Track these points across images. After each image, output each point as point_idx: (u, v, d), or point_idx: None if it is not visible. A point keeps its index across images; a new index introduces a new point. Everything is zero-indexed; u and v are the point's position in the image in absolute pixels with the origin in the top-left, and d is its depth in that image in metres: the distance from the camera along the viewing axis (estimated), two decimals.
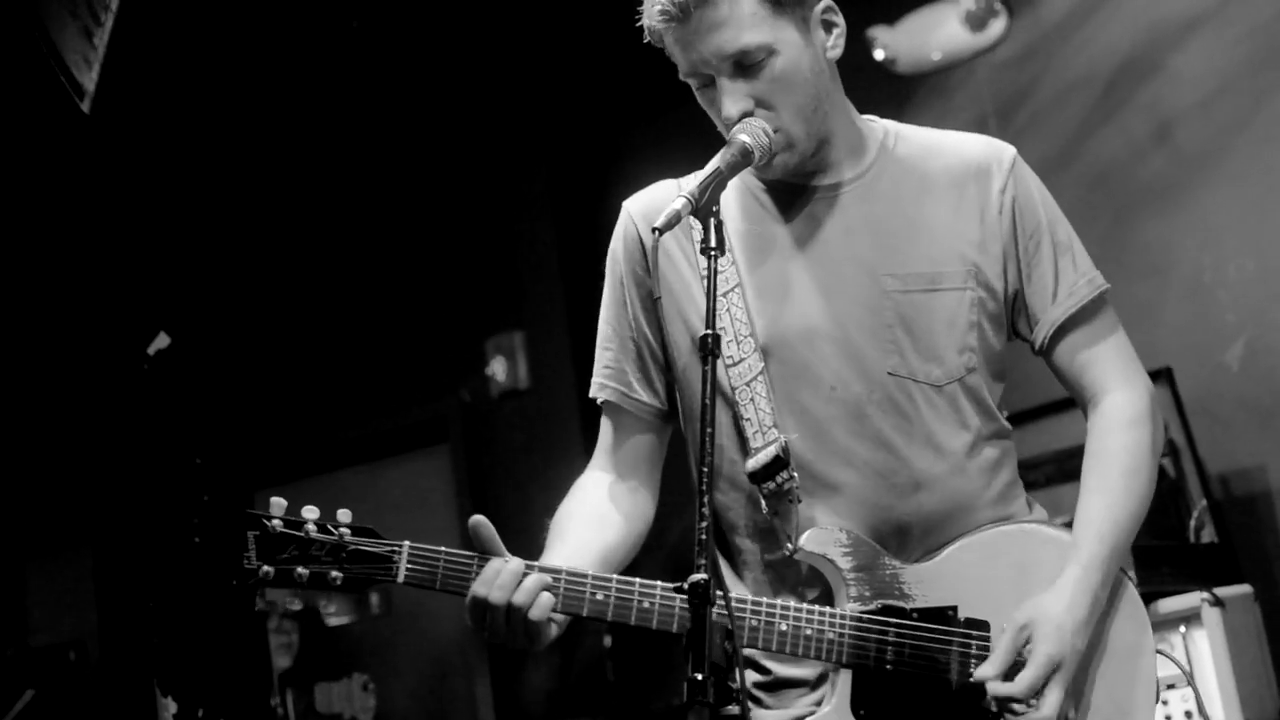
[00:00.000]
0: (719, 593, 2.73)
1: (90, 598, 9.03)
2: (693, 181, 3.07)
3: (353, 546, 3.06)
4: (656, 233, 2.95)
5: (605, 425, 3.61)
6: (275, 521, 3.04)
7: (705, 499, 2.76)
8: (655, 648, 3.11)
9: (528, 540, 3.37)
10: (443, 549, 3.09)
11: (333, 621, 8.92)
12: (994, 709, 3.15)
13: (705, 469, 2.78)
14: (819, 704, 3.23)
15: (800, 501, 3.26)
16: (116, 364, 7.28)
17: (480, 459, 8.58)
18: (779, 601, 3.17)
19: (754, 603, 3.16)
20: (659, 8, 3.22)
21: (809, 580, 3.29)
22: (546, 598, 3.08)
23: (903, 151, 3.44)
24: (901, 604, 3.22)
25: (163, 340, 7.09)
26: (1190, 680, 5.11)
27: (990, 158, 3.43)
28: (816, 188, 3.38)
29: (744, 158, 3.14)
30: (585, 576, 3.12)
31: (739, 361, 3.28)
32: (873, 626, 3.18)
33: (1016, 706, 3.11)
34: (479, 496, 8.44)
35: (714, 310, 2.91)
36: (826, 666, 3.22)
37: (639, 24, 3.32)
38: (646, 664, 7.48)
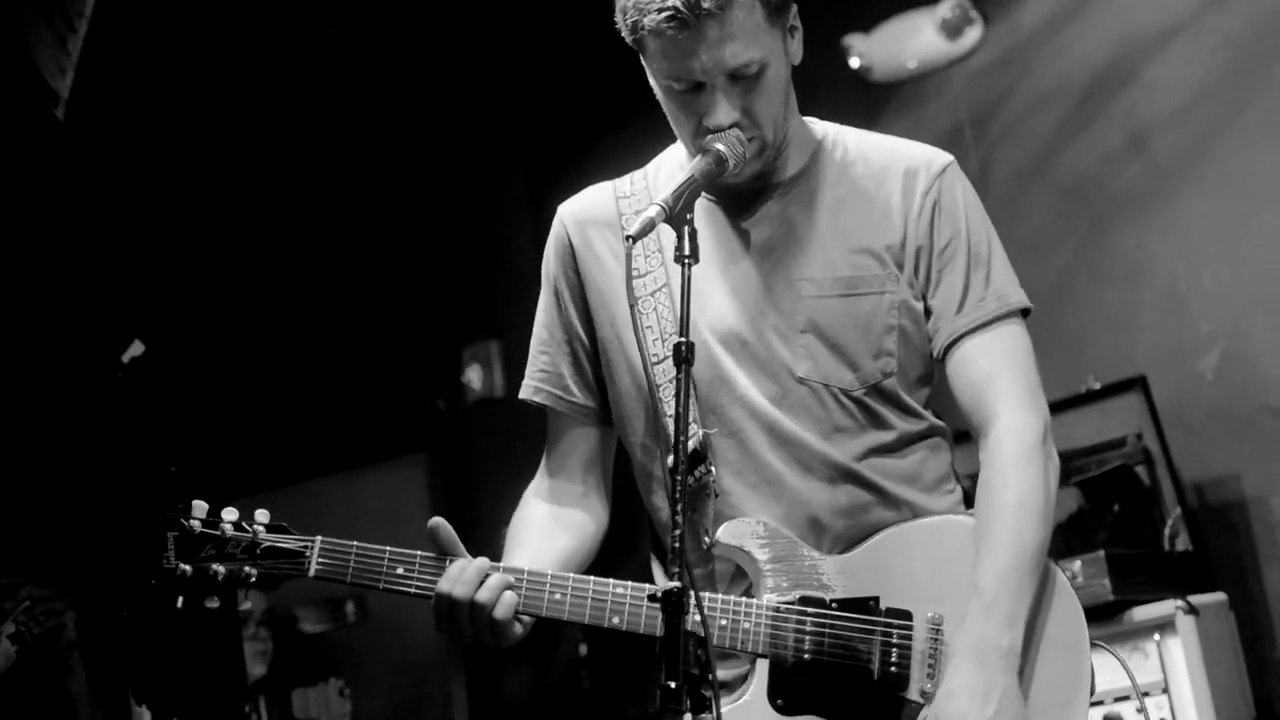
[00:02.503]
0: (698, 602, 2.75)
1: (64, 606, 8.99)
2: (667, 189, 3.06)
3: (266, 543, 3.15)
4: (630, 240, 2.95)
5: (549, 431, 3.66)
6: (193, 521, 3.11)
7: (678, 507, 2.76)
8: (631, 656, 3.12)
9: (501, 548, 3.39)
10: (355, 543, 3.17)
11: (309, 629, 8.91)
12: (914, 696, 3.16)
13: (679, 476, 2.79)
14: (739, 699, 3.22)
15: (717, 496, 3.28)
16: (90, 372, 7.24)
17: (456, 467, 8.58)
18: (703, 595, 3.10)
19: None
20: (666, 12, 3.16)
21: (735, 576, 3.30)
22: (510, 596, 3.15)
23: (837, 156, 3.43)
24: (820, 595, 3.21)
25: (137, 348, 7.06)
26: (1138, 694, 5.13)
27: (921, 162, 3.41)
28: (746, 191, 3.38)
29: (719, 166, 3.15)
30: (544, 576, 3.19)
31: (662, 360, 3.30)
32: (790, 616, 3.18)
33: None
34: (455, 504, 8.43)
35: (687, 317, 2.92)
36: (745, 663, 3.22)
37: (619, 23, 3.28)
38: (622, 672, 7.48)
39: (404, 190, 8.70)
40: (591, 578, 3.20)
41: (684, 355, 2.89)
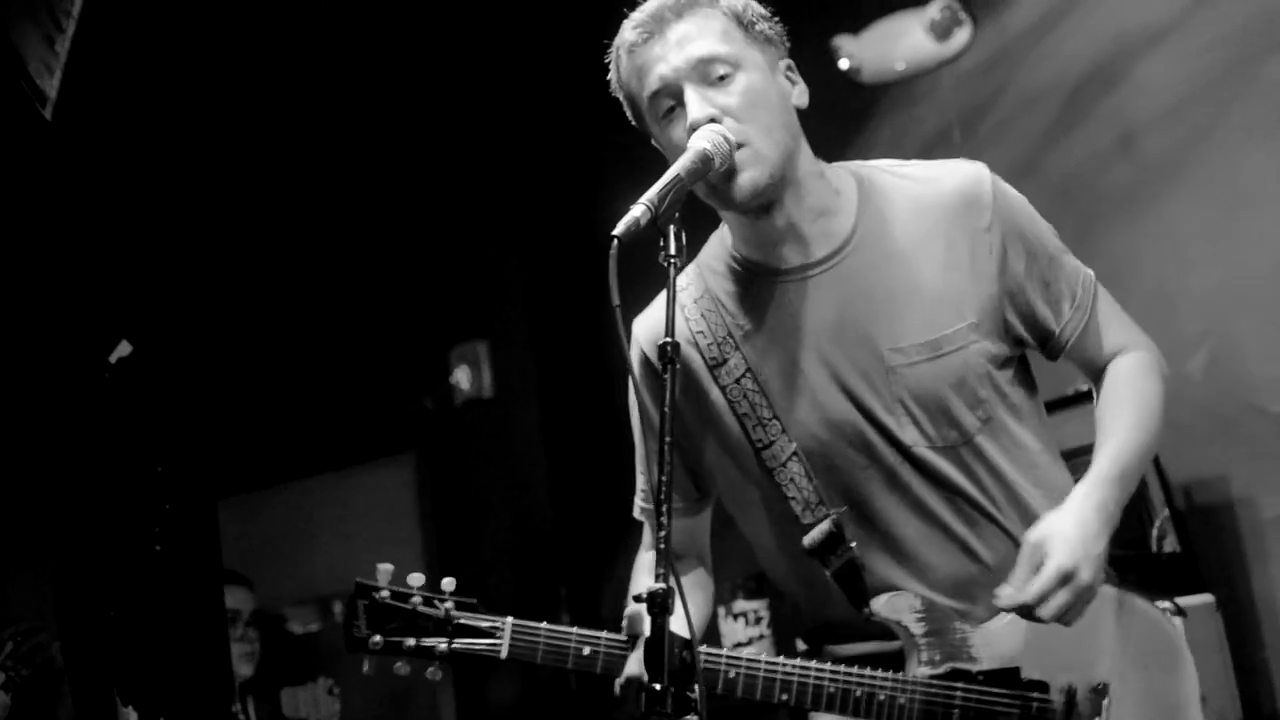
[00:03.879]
0: (700, 649, 2.82)
1: (50, 607, 8.98)
2: (653, 188, 3.04)
3: (459, 620, 3.23)
4: (616, 240, 2.94)
5: (646, 526, 3.76)
6: (383, 593, 3.21)
7: (664, 510, 2.76)
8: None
9: (490, 546, 3.41)
10: (543, 625, 3.25)
11: (298, 629, 8.90)
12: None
13: (665, 478, 2.79)
14: None
15: (864, 568, 3.36)
16: (78, 372, 7.23)
17: (444, 467, 8.57)
18: (854, 669, 3.27)
19: (832, 670, 3.26)
20: (635, 26, 3.33)
21: (875, 639, 3.40)
22: None
23: (880, 207, 3.44)
24: (968, 667, 3.30)
25: (125, 348, 7.05)
26: None
27: (969, 193, 3.42)
28: (804, 266, 3.41)
29: (704, 164, 3.14)
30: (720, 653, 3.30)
31: (769, 444, 3.39)
32: (941, 690, 3.27)
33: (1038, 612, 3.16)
34: (442, 504, 8.43)
35: (673, 318, 2.92)
36: None
37: (611, 86, 3.48)
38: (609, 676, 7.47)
39: (392, 192, 8.69)
40: (780, 658, 3.29)
41: (669, 356, 2.88)
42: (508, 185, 8.46)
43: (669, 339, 2.90)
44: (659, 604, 2.68)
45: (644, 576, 3.62)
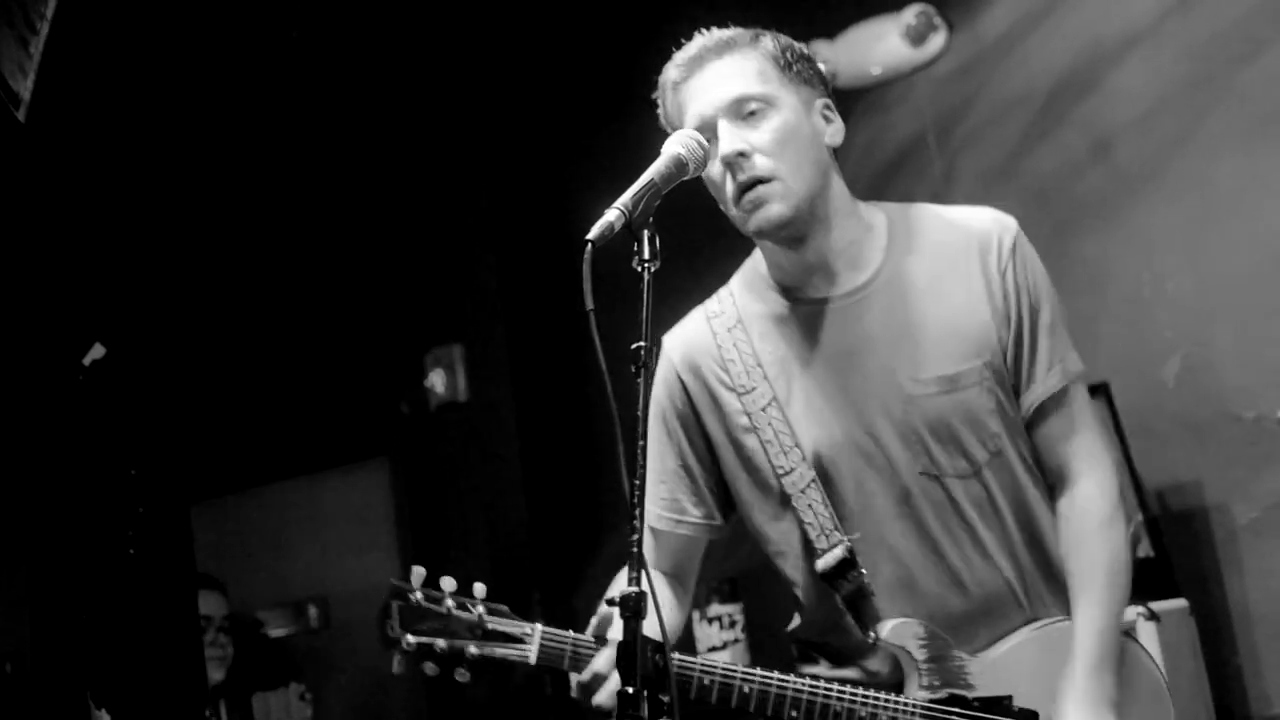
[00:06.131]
0: (673, 656, 2.84)
1: (24, 610, 8.95)
2: (627, 193, 3.04)
3: (490, 625, 3.26)
4: (589, 244, 2.93)
5: (649, 535, 3.74)
6: (417, 594, 3.23)
7: (637, 512, 2.76)
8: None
9: (465, 550, 3.42)
10: (570, 634, 3.27)
11: (273, 633, 8.88)
12: None
13: (638, 481, 2.78)
14: None
15: (873, 595, 3.44)
16: (51, 375, 7.21)
17: (419, 471, 8.56)
18: (859, 689, 3.37)
19: (839, 689, 3.35)
20: (678, 65, 3.46)
21: (877, 661, 3.49)
22: None
23: (910, 245, 3.54)
24: (965, 693, 3.40)
25: (98, 351, 7.04)
26: None
27: (994, 238, 3.52)
28: (831, 298, 3.51)
29: (678, 169, 3.14)
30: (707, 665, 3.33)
31: (790, 471, 3.47)
32: (937, 714, 3.37)
33: None
34: (417, 508, 8.41)
35: (649, 322, 2.91)
36: None
37: (660, 119, 3.54)
38: None
39: (367, 194, 8.68)
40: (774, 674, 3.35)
41: (643, 360, 2.87)
42: (483, 189, 8.45)
43: (644, 343, 2.89)
44: (631, 608, 2.68)
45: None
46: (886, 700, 3.36)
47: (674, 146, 3.18)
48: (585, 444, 8.04)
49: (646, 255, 2.97)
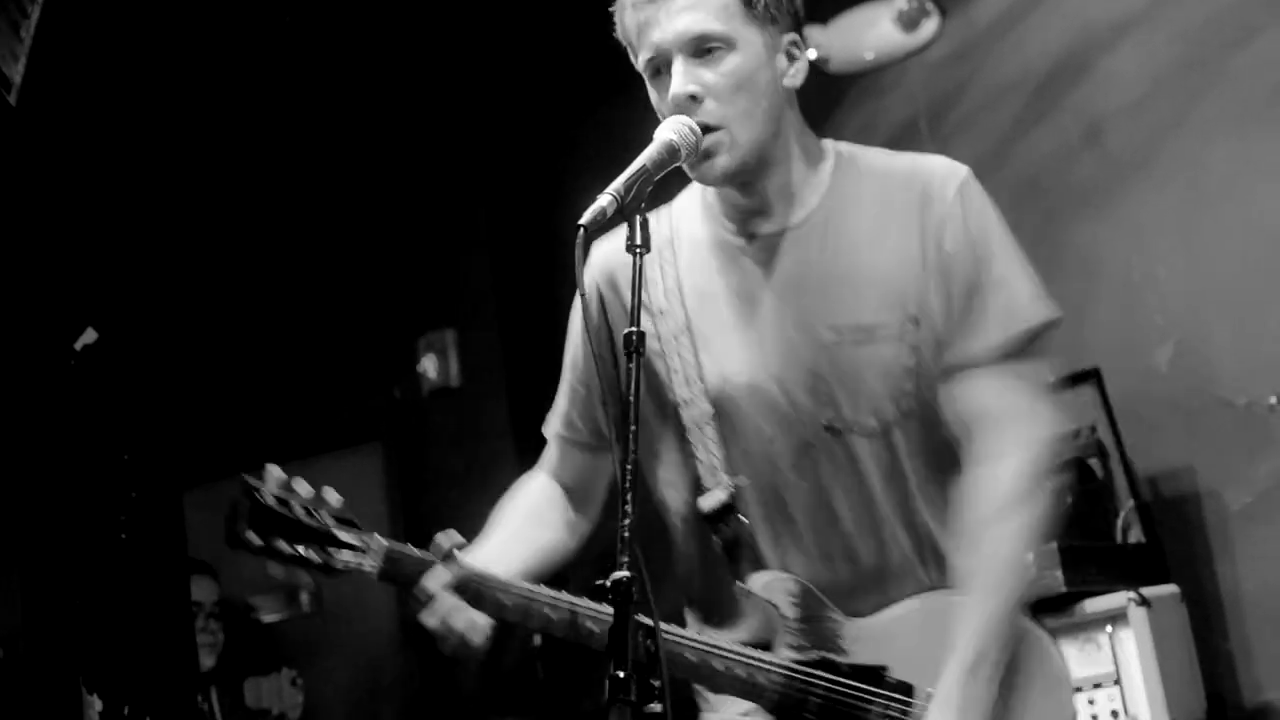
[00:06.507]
0: (663, 629, 2.77)
1: (16, 595, 8.95)
2: (619, 178, 3.02)
3: (333, 531, 3.18)
4: (582, 229, 2.92)
5: (549, 448, 3.74)
6: (268, 494, 3.16)
7: (628, 496, 2.75)
8: (586, 648, 3.13)
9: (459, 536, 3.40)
10: (412, 550, 3.20)
11: (265, 617, 8.88)
12: None
13: (629, 466, 2.77)
14: None
15: (749, 544, 3.31)
16: (42, 359, 7.21)
17: (411, 456, 8.55)
18: (720, 641, 3.23)
19: (693, 639, 3.21)
20: None
21: (749, 616, 3.35)
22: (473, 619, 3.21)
23: (851, 189, 3.40)
24: (836, 658, 3.25)
25: (90, 335, 7.04)
26: None
27: (934, 187, 3.35)
28: (759, 235, 3.39)
29: (670, 155, 3.12)
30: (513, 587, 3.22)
31: (690, 403, 3.34)
32: (802, 677, 3.22)
33: None
34: (410, 493, 8.41)
35: (638, 307, 2.89)
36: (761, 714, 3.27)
37: (615, 19, 3.36)
38: (576, 663, 7.47)
39: (360, 179, 8.68)
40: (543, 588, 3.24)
41: (634, 345, 2.86)
42: (475, 174, 8.45)
43: (635, 328, 2.87)
44: (623, 592, 2.66)
45: (518, 499, 3.68)
46: (746, 656, 3.20)
47: (666, 132, 3.15)
48: None
49: (638, 240, 2.96)
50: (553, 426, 3.72)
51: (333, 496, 3.23)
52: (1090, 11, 6.64)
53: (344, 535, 3.18)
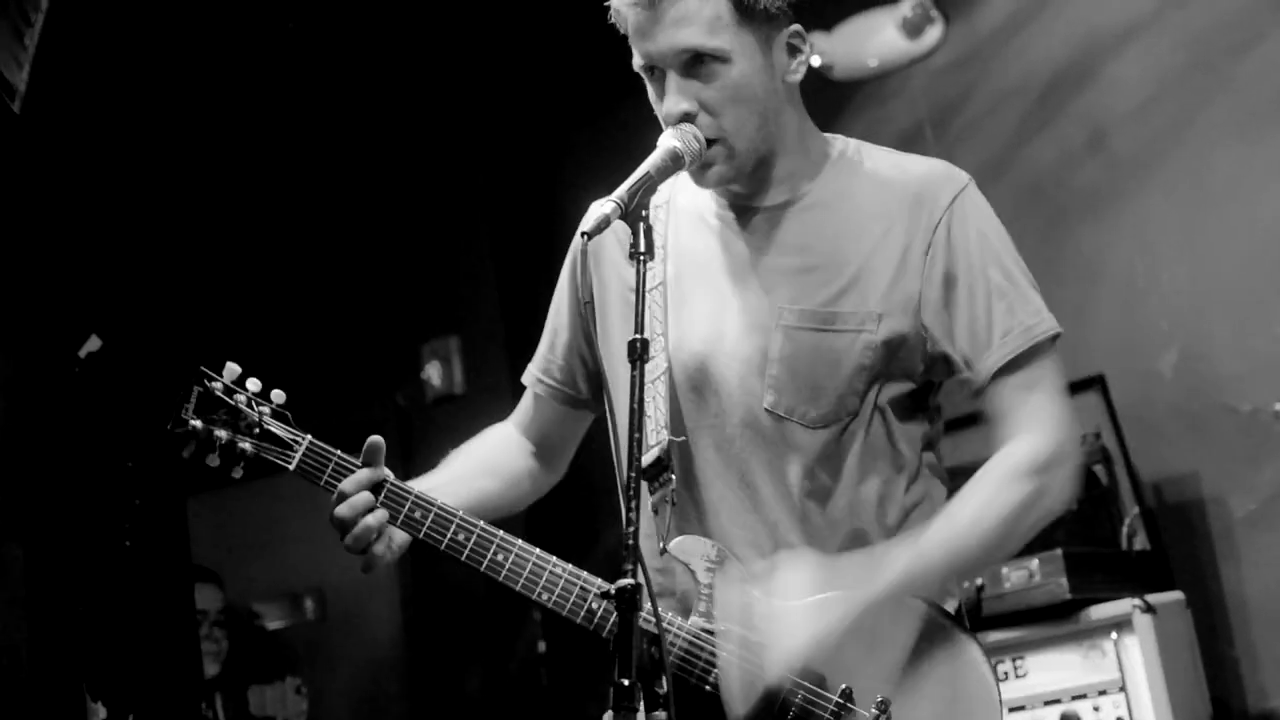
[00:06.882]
0: (665, 620, 2.76)
1: (21, 603, 8.94)
2: (624, 184, 3.04)
3: (265, 425, 3.33)
4: (585, 236, 2.93)
5: (525, 398, 3.81)
6: (217, 384, 3.34)
7: (634, 503, 2.74)
8: (590, 654, 3.10)
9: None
10: (337, 451, 3.39)
11: (269, 625, 8.88)
12: None
13: (633, 473, 2.77)
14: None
15: (674, 504, 3.28)
16: (46, 367, 7.21)
17: (414, 463, 8.53)
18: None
19: (606, 602, 3.17)
20: None
21: (672, 578, 3.32)
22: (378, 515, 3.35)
23: (844, 182, 3.39)
24: (748, 635, 3.17)
25: (94, 343, 7.03)
26: None
27: (930, 192, 3.33)
28: (756, 209, 3.38)
29: (674, 162, 3.13)
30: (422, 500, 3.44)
31: (650, 358, 3.19)
32: (706, 646, 3.19)
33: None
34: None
35: (642, 314, 2.90)
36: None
37: (606, 4, 3.33)
38: (581, 670, 7.47)
39: (364, 186, 8.67)
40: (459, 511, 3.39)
41: (639, 353, 2.87)
42: (479, 180, 8.45)
43: (639, 336, 2.88)
44: (627, 600, 2.65)
45: (473, 446, 3.86)
46: (651, 618, 3.05)
47: (671, 140, 3.16)
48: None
49: (641, 248, 2.97)
50: (530, 374, 3.79)
51: (277, 395, 3.38)
52: (1094, 17, 6.64)
53: (275, 428, 3.32)
